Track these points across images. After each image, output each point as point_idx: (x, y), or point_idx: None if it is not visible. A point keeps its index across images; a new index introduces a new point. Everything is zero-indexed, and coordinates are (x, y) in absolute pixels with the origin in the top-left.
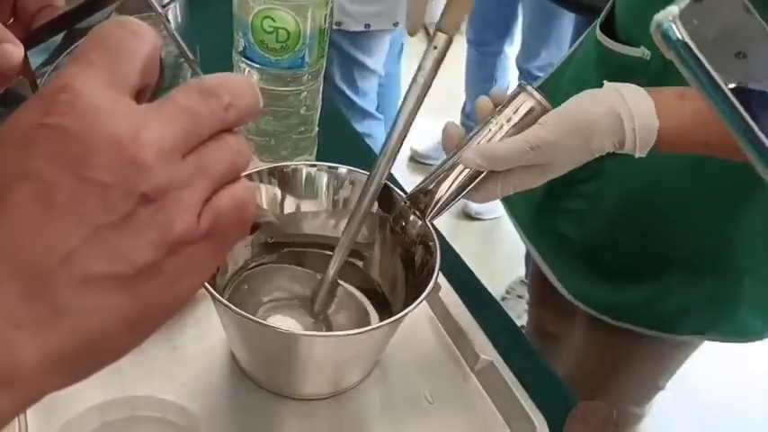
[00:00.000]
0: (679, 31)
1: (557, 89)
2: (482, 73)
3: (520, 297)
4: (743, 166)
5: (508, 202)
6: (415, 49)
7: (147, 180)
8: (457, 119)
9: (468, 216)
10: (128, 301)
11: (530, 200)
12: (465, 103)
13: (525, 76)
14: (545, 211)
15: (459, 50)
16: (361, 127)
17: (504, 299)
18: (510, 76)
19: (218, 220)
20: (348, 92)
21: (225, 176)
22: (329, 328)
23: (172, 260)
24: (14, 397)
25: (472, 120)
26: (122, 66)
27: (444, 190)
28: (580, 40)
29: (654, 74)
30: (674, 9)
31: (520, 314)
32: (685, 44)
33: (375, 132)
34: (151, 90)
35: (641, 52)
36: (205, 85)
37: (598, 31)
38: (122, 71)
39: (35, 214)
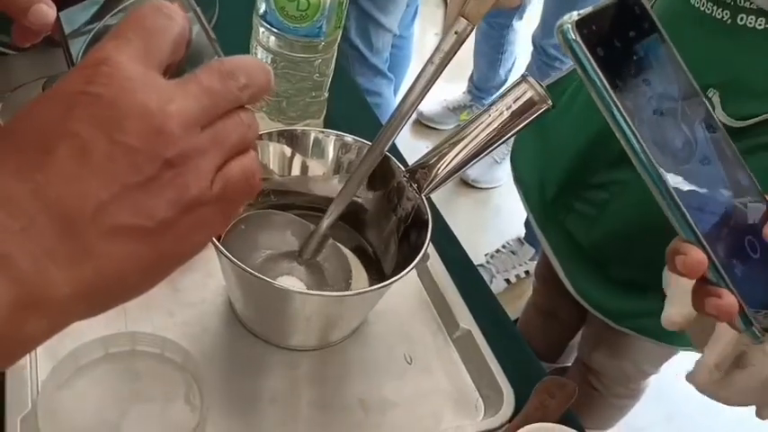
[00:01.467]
0: (574, 33)
1: (577, 93)
2: (490, 44)
3: (513, 253)
4: None
5: (523, 186)
6: (429, 10)
7: (170, 147)
8: (464, 86)
9: (466, 183)
10: (146, 250)
11: (543, 190)
12: (472, 72)
13: (540, 52)
14: (557, 206)
15: None
16: (371, 85)
17: (498, 251)
18: (518, 51)
19: (228, 186)
20: (362, 47)
21: (236, 147)
22: (319, 280)
23: (186, 218)
24: (46, 322)
25: (479, 88)
26: (156, 44)
27: (443, 167)
28: None
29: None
30: (574, 13)
31: (508, 269)
32: (578, 43)
33: (385, 92)
34: (176, 66)
35: None
36: (225, 67)
37: None
38: (155, 49)
39: (73, 168)
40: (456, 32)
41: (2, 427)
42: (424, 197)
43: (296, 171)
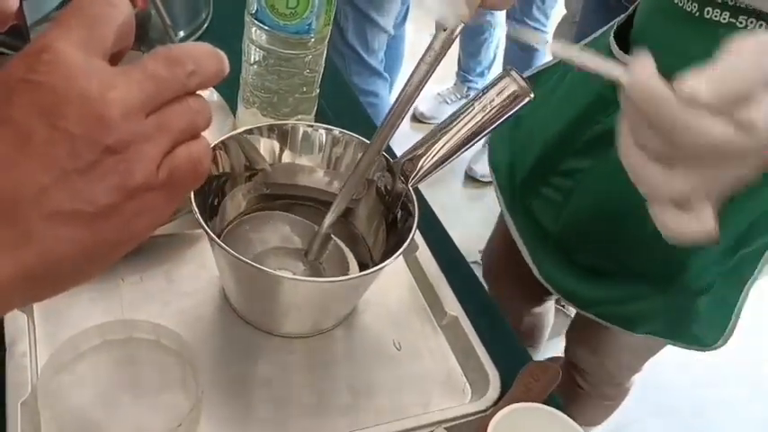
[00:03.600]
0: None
1: (558, 85)
2: (473, 28)
3: None
4: None
5: (495, 168)
6: (419, 12)
7: (111, 134)
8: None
9: (473, 179)
10: (88, 235)
11: (513, 175)
12: (459, 56)
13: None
14: (525, 190)
15: None
16: (367, 85)
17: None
18: (500, 33)
19: (174, 172)
20: (359, 49)
21: (184, 133)
22: (314, 275)
23: (130, 204)
24: None
25: (464, 70)
26: (99, 32)
27: (429, 158)
28: (591, 38)
29: None
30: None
31: None
32: None
33: (381, 92)
34: (125, 54)
35: None
36: (172, 53)
37: (612, 40)
38: (98, 36)
39: (13, 154)
40: (445, 29)
41: (2, 411)
42: (410, 187)
43: (287, 164)
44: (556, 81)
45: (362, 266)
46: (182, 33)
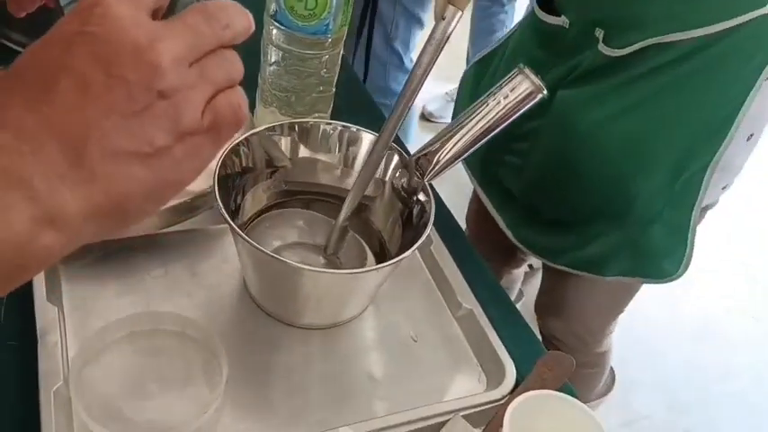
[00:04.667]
0: None
1: (501, 58)
2: (483, 25)
3: None
4: (646, 132)
5: None
6: None
7: (162, 80)
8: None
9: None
10: (146, 173)
11: (479, 149)
12: (468, 52)
13: None
14: (490, 162)
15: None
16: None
17: None
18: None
19: (216, 118)
20: (402, 53)
21: (223, 83)
22: (332, 268)
23: (180, 146)
24: (59, 236)
25: None
26: None
27: (444, 154)
28: (526, 13)
29: (571, 40)
30: None
31: None
32: None
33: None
34: (163, 11)
35: (562, 20)
36: (208, 8)
37: (534, 2)
38: None
39: (75, 99)
40: (444, 18)
41: (36, 399)
42: (426, 182)
43: (306, 161)
44: (497, 60)
45: (380, 261)
46: None
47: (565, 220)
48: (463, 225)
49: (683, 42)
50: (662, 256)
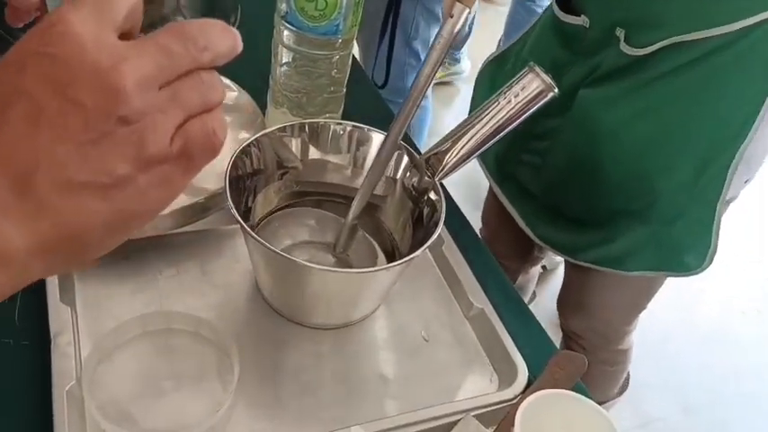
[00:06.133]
0: None
1: (517, 56)
2: (518, 19)
3: None
4: (668, 130)
5: None
6: None
7: (123, 105)
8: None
9: None
10: (104, 205)
11: (495, 149)
12: (500, 39)
13: None
14: (507, 160)
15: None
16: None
17: None
18: None
19: (188, 144)
20: (421, 53)
21: (198, 107)
22: (343, 267)
23: (145, 175)
24: (6, 276)
25: None
26: (110, 6)
27: (455, 153)
28: (544, 11)
29: (591, 40)
30: None
31: None
32: None
33: (429, 94)
34: (137, 32)
35: (582, 20)
36: (185, 28)
37: (553, 1)
38: (109, 11)
39: (25, 126)
40: (452, 16)
41: (49, 399)
42: (437, 182)
43: (316, 161)
44: (514, 59)
45: (391, 261)
46: None
47: (587, 217)
48: (475, 225)
49: (704, 41)
50: (686, 251)
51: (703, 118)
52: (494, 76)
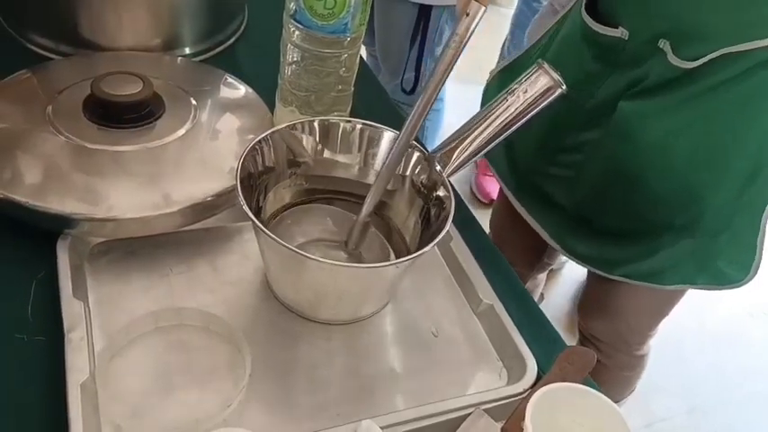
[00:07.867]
0: None
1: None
2: (523, 20)
3: None
4: (716, 144)
5: (489, 156)
6: None
7: None
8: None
9: None
10: None
11: (514, 160)
12: (506, 39)
13: None
14: (532, 173)
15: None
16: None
17: None
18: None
19: None
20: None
21: None
22: (356, 262)
23: None
24: None
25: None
26: None
27: (464, 150)
28: (560, 16)
29: (631, 52)
30: None
31: None
32: None
33: (443, 96)
34: None
35: (620, 32)
36: None
37: (583, 12)
38: None
39: None
40: (467, 14)
41: (63, 393)
42: (446, 178)
43: (327, 158)
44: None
45: (400, 257)
46: (219, 38)
47: (625, 231)
48: (482, 222)
49: (751, 52)
50: (728, 263)
51: (752, 130)
52: (505, 85)
